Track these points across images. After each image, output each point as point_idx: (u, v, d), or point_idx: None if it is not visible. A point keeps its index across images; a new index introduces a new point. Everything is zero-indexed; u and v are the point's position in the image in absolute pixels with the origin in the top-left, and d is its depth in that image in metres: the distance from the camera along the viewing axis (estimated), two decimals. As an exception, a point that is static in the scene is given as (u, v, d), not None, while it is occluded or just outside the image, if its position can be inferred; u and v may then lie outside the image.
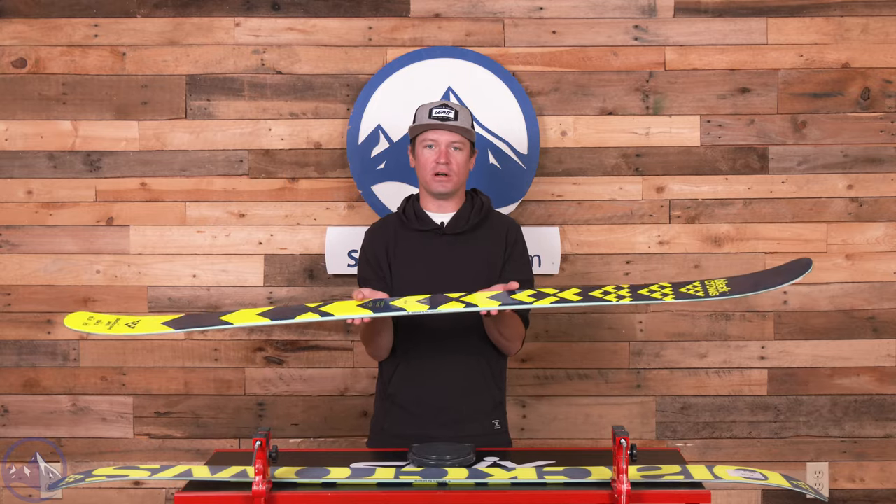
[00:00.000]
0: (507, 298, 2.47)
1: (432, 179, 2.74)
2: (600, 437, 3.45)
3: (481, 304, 2.45)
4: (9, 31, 3.47)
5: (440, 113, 2.74)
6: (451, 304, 2.45)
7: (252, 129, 3.47)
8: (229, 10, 3.46)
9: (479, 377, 2.76)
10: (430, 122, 2.73)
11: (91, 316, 2.60)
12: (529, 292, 2.51)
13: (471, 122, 2.80)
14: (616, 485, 2.11)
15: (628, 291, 2.45)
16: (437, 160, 2.72)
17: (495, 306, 2.45)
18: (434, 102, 2.80)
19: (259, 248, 3.48)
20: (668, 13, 3.44)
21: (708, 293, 2.40)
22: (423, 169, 2.76)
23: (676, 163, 3.46)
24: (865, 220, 3.47)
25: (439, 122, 2.73)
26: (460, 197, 2.81)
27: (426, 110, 2.77)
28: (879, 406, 3.49)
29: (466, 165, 2.78)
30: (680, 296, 2.41)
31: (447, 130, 2.73)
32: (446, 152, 2.73)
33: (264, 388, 3.50)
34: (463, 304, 2.45)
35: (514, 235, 2.83)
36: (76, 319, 2.58)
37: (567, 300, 2.43)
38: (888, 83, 3.45)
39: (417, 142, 2.77)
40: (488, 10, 3.45)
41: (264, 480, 2.12)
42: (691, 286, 2.46)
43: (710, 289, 2.42)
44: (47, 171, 3.49)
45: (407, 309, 2.44)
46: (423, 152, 2.75)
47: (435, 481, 2.22)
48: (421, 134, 2.76)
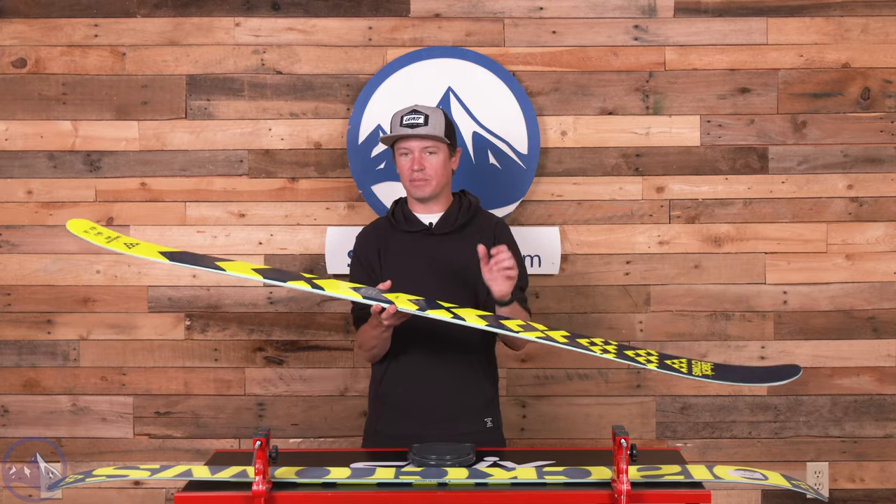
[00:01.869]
0: (495, 322, 2.49)
1: (410, 185, 2.77)
2: (600, 437, 3.45)
3: (469, 320, 2.47)
4: (9, 31, 3.47)
5: (410, 120, 2.75)
6: (440, 312, 2.47)
7: (252, 129, 3.47)
8: (229, 10, 3.46)
9: (471, 375, 2.77)
10: (400, 132, 2.75)
11: (93, 226, 2.60)
12: (519, 322, 2.52)
13: (443, 123, 2.77)
14: (616, 485, 2.11)
15: (614, 349, 2.46)
16: (412, 167, 2.75)
17: (482, 325, 2.46)
18: (405, 109, 2.79)
19: (259, 248, 3.48)
20: (668, 13, 3.44)
21: (691, 372, 2.41)
22: (401, 176, 2.79)
23: (676, 163, 3.46)
24: (865, 220, 3.47)
25: (409, 131, 2.74)
26: (447, 198, 2.83)
27: (398, 118, 2.78)
28: (879, 406, 3.49)
29: (445, 167, 2.78)
30: (664, 367, 2.42)
31: (416, 138, 2.74)
32: (419, 158, 2.74)
33: (264, 388, 3.50)
34: (451, 314, 2.47)
35: (501, 233, 2.84)
36: (79, 225, 2.57)
37: (552, 339, 2.44)
38: (888, 83, 3.45)
39: (395, 150, 2.80)
40: (488, 10, 3.45)
41: (264, 480, 2.12)
42: (677, 361, 2.47)
43: (694, 369, 2.43)
44: (47, 171, 3.49)
45: (397, 305, 2.46)
46: (400, 160, 2.78)
47: (435, 481, 2.22)
48: (396, 143, 2.78)
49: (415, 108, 2.78)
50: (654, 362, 2.44)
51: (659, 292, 3.47)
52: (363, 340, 2.76)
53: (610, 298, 3.47)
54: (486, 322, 2.47)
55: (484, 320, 2.48)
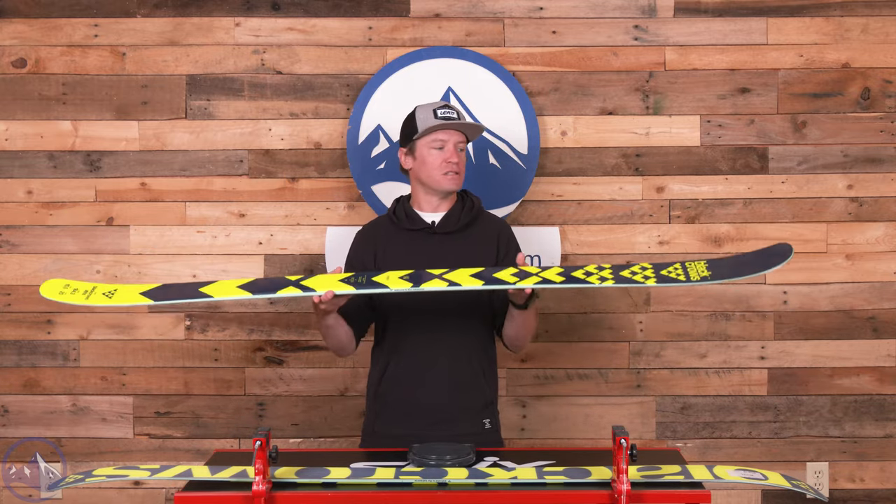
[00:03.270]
0: (490, 277, 2.49)
1: (443, 178, 2.76)
2: (600, 437, 3.45)
3: (464, 283, 2.47)
4: (9, 31, 3.47)
5: (445, 113, 2.78)
6: (434, 283, 2.48)
7: (252, 129, 3.47)
8: (229, 10, 3.46)
9: (469, 376, 2.77)
10: (439, 123, 2.76)
11: (67, 284, 2.57)
12: (512, 271, 2.52)
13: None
14: (616, 485, 2.11)
15: (610, 273, 2.49)
16: (448, 160, 2.75)
17: (478, 285, 2.47)
18: (436, 103, 2.82)
19: (259, 248, 3.48)
20: (668, 13, 3.44)
21: (689, 277, 2.44)
22: (431, 168, 2.77)
23: (676, 163, 3.46)
24: (865, 220, 3.47)
25: (447, 123, 2.76)
26: (451, 197, 2.84)
27: (429, 111, 2.78)
28: (879, 406, 3.49)
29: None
30: (661, 279, 2.45)
31: (456, 130, 2.77)
32: (454, 151, 2.77)
33: (264, 388, 3.50)
34: (446, 282, 2.48)
35: (506, 236, 2.85)
36: (52, 288, 2.54)
37: (549, 280, 2.46)
38: (888, 83, 3.45)
39: (421, 143, 2.78)
40: (488, 10, 3.45)
41: (264, 480, 2.12)
42: (672, 268, 2.50)
43: (690, 272, 2.47)
44: (47, 171, 3.49)
45: (389, 286, 2.48)
46: (431, 153, 2.77)
47: (435, 481, 2.22)
48: (428, 135, 2.77)
49: (445, 103, 2.82)
50: (653, 277, 2.47)
51: (659, 292, 3.47)
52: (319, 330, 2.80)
53: (610, 298, 3.47)
54: (483, 281, 2.48)
55: (479, 279, 2.49)
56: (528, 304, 2.61)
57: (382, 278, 2.52)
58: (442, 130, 2.76)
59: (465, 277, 2.50)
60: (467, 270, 2.54)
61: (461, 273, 2.53)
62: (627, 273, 2.49)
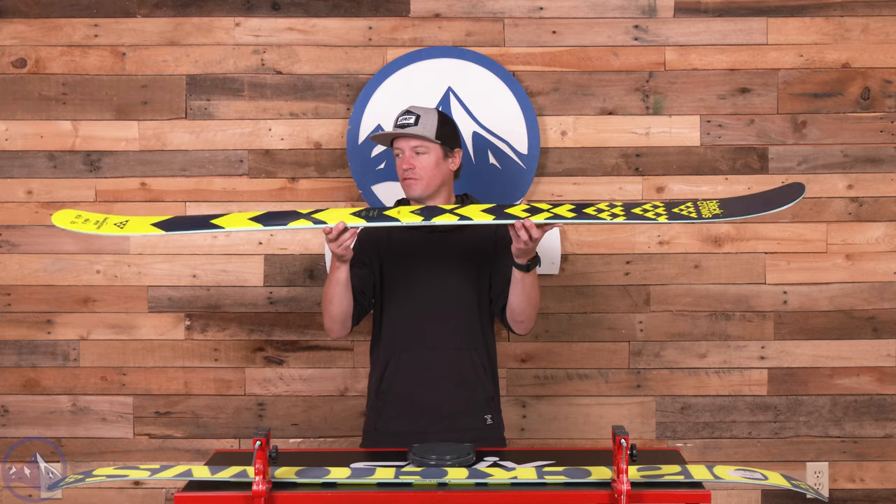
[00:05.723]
0: (501, 212, 2.54)
1: (403, 184, 2.83)
2: (600, 437, 3.45)
3: (475, 218, 2.54)
4: (9, 31, 3.47)
5: (402, 120, 2.82)
6: (445, 216, 2.56)
7: (252, 129, 3.47)
8: (229, 10, 3.46)
9: (471, 372, 2.78)
10: (389, 133, 2.83)
11: (79, 214, 2.60)
12: (523, 206, 2.57)
13: (436, 124, 2.80)
14: (616, 485, 2.11)
15: (622, 210, 2.51)
16: (402, 167, 2.81)
17: (489, 220, 2.53)
18: (402, 110, 2.86)
19: (259, 248, 3.48)
20: (668, 13, 3.44)
21: (701, 214, 2.47)
22: (399, 176, 2.84)
23: (676, 163, 3.46)
24: (865, 220, 3.47)
25: (399, 131, 2.80)
26: (448, 197, 2.85)
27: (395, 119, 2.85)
28: (879, 406, 3.49)
29: (437, 167, 2.80)
30: (673, 216, 2.48)
31: (405, 138, 2.80)
32: (409, 158, 2.79)
33: (264, 388, 3.50)
34: (457, 216, 2.55)
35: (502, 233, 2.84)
36: (64, 217, 2.57)
37: (560, 216, 2.50)
38: (888, 83, 3.45)
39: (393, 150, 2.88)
40: (488, 10, 3.45)
41: (264, 480, 2.12)
42: (684, 206, 2.52)
43: (702, 210, 2.49)
44: (47, 171, 3.49)
45: (401, 219, 2.55)
46: (396, 161, 2.85)
47: (435, 481, 2.22)
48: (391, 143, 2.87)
49: (409, 108, 2.83)
50: (664, 214, 2.49)
51: (659, 292, 3.47)
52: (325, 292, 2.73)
53: (610, 298, 3.47)
54: (493, 216, 2.54)
55: (490, 214, 2.55)
56: (530, 265, 2.62)
57: (394, 212, 2.59)
58: (396, 139, 2.83)
59: (476, 212, 2.56)
60: (479, 206, 2.64)
61: (472, 209, 2.62)
62: (639, 210, 2.50)
